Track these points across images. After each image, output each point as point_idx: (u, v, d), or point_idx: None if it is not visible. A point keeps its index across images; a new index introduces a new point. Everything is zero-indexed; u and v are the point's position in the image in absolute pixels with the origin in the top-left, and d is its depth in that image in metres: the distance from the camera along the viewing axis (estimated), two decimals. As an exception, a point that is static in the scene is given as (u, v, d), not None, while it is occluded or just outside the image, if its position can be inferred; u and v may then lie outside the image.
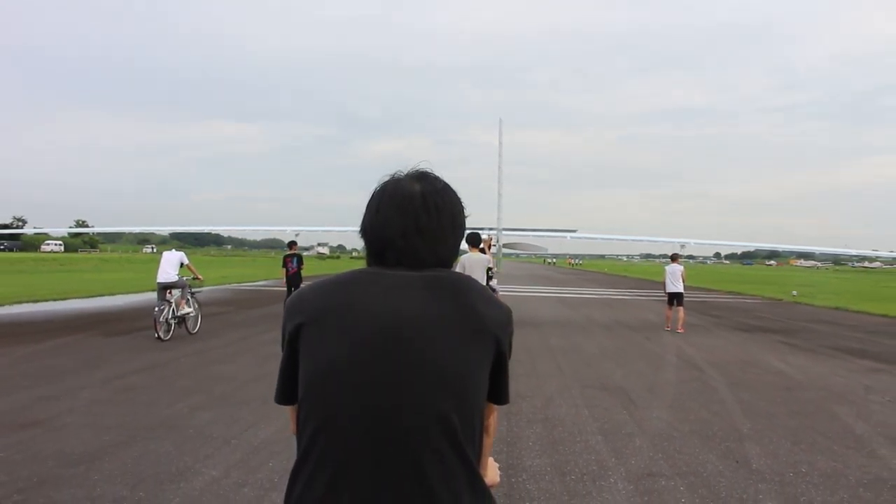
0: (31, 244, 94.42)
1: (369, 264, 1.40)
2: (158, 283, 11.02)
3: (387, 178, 1.42)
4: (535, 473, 4.58)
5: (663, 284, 14.77)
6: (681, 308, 14.23)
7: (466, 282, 1.35)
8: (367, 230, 1.39)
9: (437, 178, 1.42)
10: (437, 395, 1.23)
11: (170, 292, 11.01)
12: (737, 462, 4.96)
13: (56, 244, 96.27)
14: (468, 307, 1.29)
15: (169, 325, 10.73)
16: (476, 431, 1.30)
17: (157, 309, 10.71)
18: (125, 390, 6.85)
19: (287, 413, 1.42)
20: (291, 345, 1.32)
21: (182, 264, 11.27)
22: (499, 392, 1.38)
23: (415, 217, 1.34)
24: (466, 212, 1.46)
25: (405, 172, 1.42)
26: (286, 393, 1.37)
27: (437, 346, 1.24)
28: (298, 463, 1.28)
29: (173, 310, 10.86)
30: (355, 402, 1.23)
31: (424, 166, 1.44)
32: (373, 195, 1.41)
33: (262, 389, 6.97)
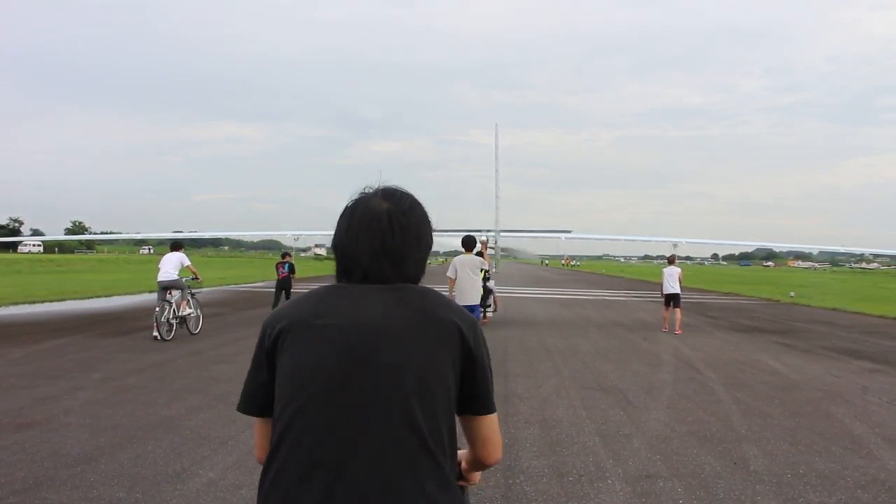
0: (8, 245, 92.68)
1: (338, 280, 1.50)
2: (159, 282, 11.04)
3: (357, 196, 1.51)
4: (532, 475, 4.58)
5: (661, 286, 14.82)
6: (678, 309, 14.26)
7: (426, 291, 1.45)
8: (337, 248, 1.48)
9: (403, 196, 1.50)
10: (401, 395, 1.31)
11: (170, 292, 11.01)
12: (734, 463, 4.97)
13: (34, 244, 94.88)
14: (427, 312, 1.39)
15: (170, 325, 10.74)
16: (443, 428, 1.36)
17: (157, 309, 10.72)
18: (123, 391, 6.84)
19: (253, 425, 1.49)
20: (269, 356, 1.41)
21: (183, 265, 11.29)
22: (475, 400, 1.43)
23: (381, 237, 1.43)
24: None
25: (374, 189, 1.51)
26: (254, 403, 1.44)
27: (401, 349, 1.34)
28: (269, 456, 1.36)
29: (174, 310, 10.86)
30: (326, 401, 1.31)
31: (392, 183, 1.52)
32: (343, 213, 1.50)
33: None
